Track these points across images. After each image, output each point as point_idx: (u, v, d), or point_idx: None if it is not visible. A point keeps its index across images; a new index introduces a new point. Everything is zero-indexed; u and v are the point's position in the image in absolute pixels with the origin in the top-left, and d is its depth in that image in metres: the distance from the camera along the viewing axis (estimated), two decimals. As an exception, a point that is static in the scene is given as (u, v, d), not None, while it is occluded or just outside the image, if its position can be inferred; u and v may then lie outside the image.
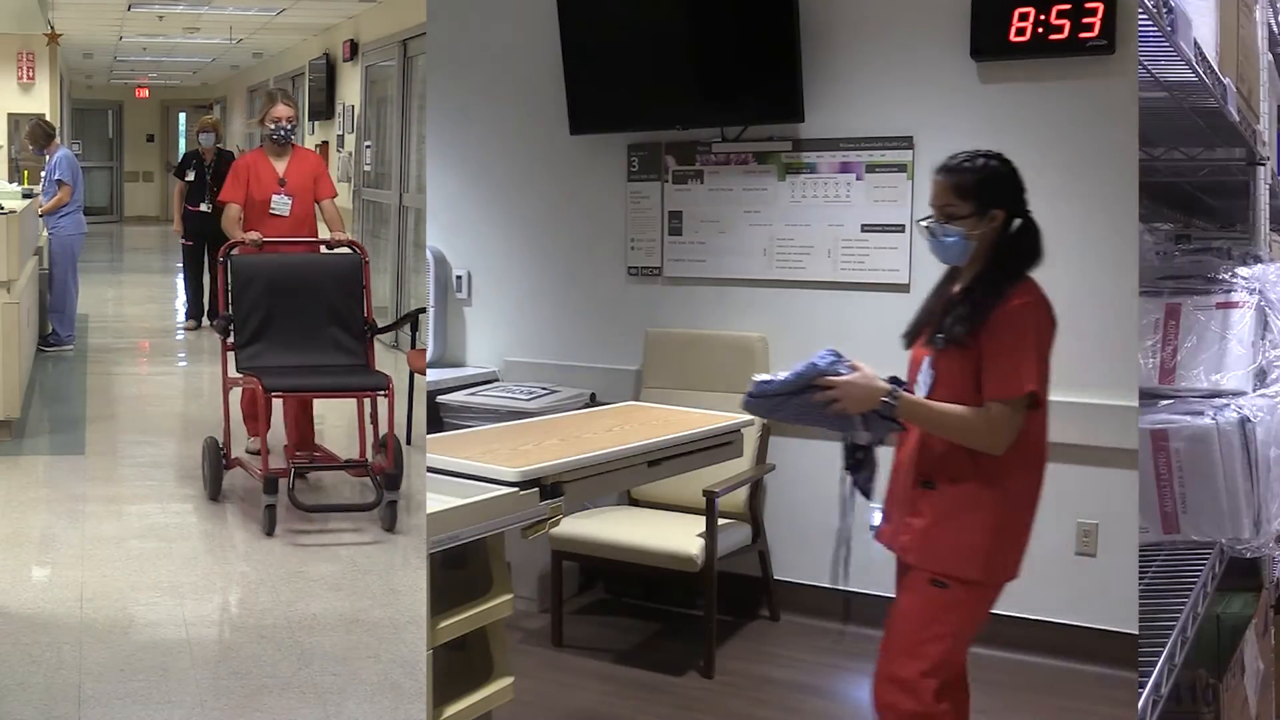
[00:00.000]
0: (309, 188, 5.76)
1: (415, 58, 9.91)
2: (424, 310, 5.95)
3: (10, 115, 13.93)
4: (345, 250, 5.46)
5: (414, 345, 6.59)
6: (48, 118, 11.26)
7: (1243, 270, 2.98)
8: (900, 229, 4.85)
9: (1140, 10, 2.01)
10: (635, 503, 5.07)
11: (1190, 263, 3.14)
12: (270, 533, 4.75)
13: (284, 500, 4.82)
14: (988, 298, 2.78)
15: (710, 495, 4.41)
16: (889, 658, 2.87)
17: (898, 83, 4.80)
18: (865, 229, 4.90)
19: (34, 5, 11.63)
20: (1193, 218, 4.38)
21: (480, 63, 5.69)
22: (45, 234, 9.03)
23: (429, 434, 3.20)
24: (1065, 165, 4.38)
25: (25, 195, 8.60)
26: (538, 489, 2.77)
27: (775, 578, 4.99)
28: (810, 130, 4.95)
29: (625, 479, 3.15)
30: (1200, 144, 3.28)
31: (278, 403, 5.33)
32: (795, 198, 5.02)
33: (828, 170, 4.94)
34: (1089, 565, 4.56)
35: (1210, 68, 2.50)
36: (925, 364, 2.87)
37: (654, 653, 4.71)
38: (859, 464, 3.03)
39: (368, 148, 10.99)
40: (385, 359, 6.41)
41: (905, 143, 4.79)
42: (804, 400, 2.88)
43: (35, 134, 9.41)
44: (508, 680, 3.12)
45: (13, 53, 13.99)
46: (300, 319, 5.18)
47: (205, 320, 10.41)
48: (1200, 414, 2.70)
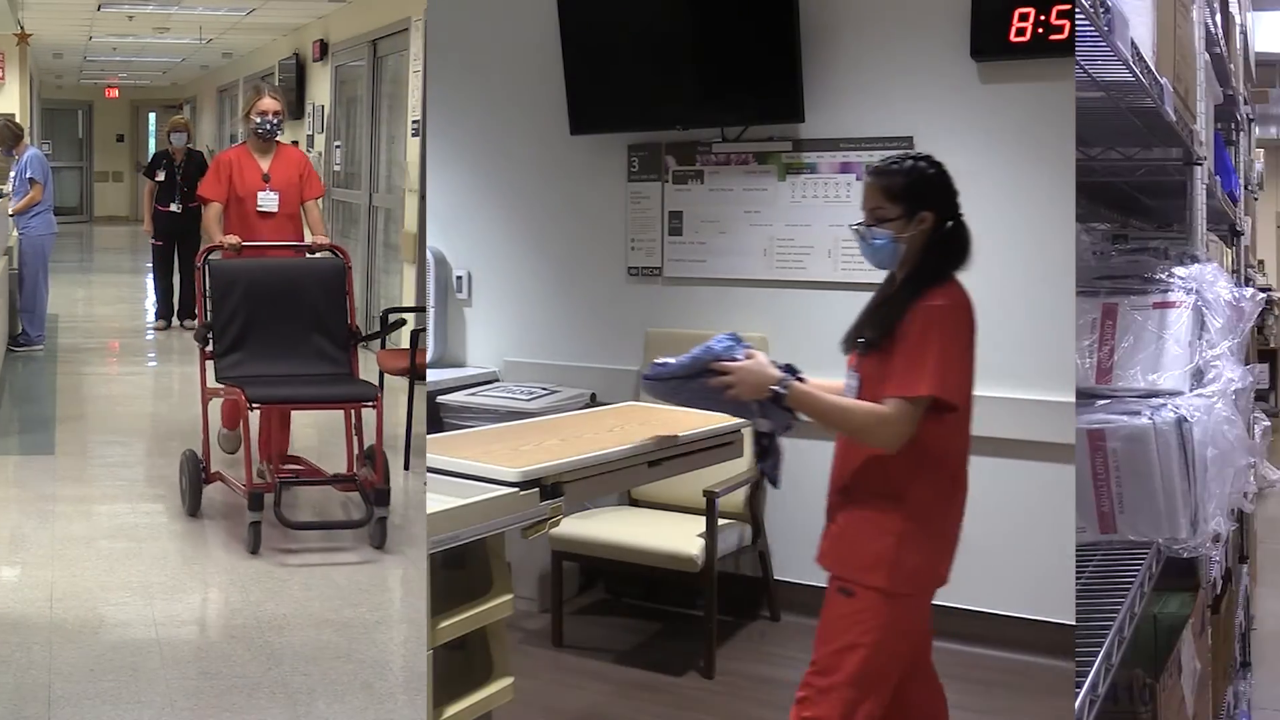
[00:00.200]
0: (295, 185, 5.58)
1: (385, 58, 9.88)
2: (404, 321, 5.77)
3: (-21, 115, 13.82)
4: (327, 255, 5.31)
5: (383, 346, 6.58)
6: (17, 118, 11.19)
7: (1180, 270, 2.94)
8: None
9: (1077, 10, 2.00)
10: (635, 503, 5.00)
11: (1127, 263, 3.10)
12: (255, 551, 4.58)
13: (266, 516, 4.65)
14: (905, 299, 2.72)
15: (710, 495, 4.35)
16: (811, 669, 2.79)
17: (898, 83, 4.73)
18: None
19: (3, 5, 11.55)
20: (1129, 218, 4.34)
21: (480, 63, 5.63)
22: (15, 234, 8.99)
23: (429, 434, 3.15)
24: (1064, 166, 4.34)
25: (-5, 196, 8.56)
26: (538, 489, 2.74)
27: (775, 578, 4.92)
28: (810, 130, 4.89)
29: (625, 479, 3.11)
30: (1137, 144, 3.25)
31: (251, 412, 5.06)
32: (795, 198, 4.96)
33: (828, 170, 4.88)
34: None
35: (1147, 67, 2.48)
36: (850, 368, 2.84)
37: (654, 653, 4.65)
38: (765, 452, 2.97)
39: (337, 148, 10.98)
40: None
41: (905, 143, 4.69)
42: (701, 384, 2.85)
43: (4, 134, 9.36)
44: (508, 680, 3.09)
45: (-18, 53, 13.91)
46: (282, 326, 4.99)
47: (175, 320, 10.41)
48: (1137, 414, 2.66)
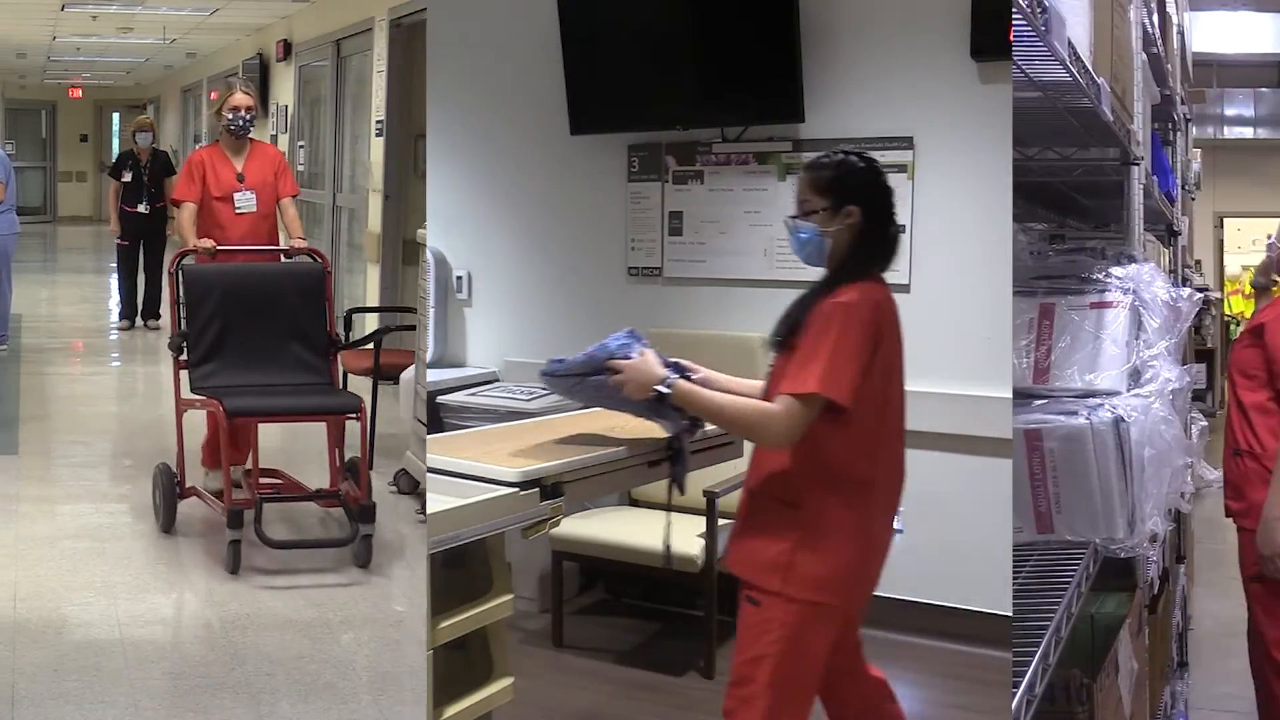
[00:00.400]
0: (270, 184, 5.36)
1: (349, 58, 9.81)
2: (389, 329, 5.63)
3: (-58, 117, 13.67)
4: (305, 259, 5.11)
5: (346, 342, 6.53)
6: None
7: (1117, 270, 2.91)
8: (900, 229, 4.74)
9: (1014, 10, 1.97)
10: (635, 503, 4.98)
11: (1064, 262, 3.06)
12: (235, 571, 4.36)
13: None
14: (814, 296, 2.64)
15: (710, 495, 4.31)
16: (730, 679, 2.71)
17: (898, 83, 4.73)
18: None
19: (-35, 7, 11.42)
20: (1067, 218, 4.33)
21: (480, 63, 5.59)
22: (-22, 234, 8.89)
23: (429, 434, 3.08)
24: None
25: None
26: (538, 489, 2.70)
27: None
28: (810, 130, 4.87)
29: (625, 479, 3.06)
30: (1074, 144, 3.22)
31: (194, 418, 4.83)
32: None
33: None
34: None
35: (1084, 68, 2.44)
36: (769, 368, 2.75)
37: (654, 653, 4.63)
38: (674, 455, 2.92)
39: (301, 148, 10.92)
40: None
41: (905, 143, 4.72)
42: (599, 382, 2.82)
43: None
44: (508, 680, 3.07)
45: (-56, 54, 13.73)
46: (259, 334, 4.76)
47: (139, 320, 10.32)
48: (1074, 414, 2.62)
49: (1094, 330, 2.82)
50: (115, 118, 23.15)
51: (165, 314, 10.42)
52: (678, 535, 4.41)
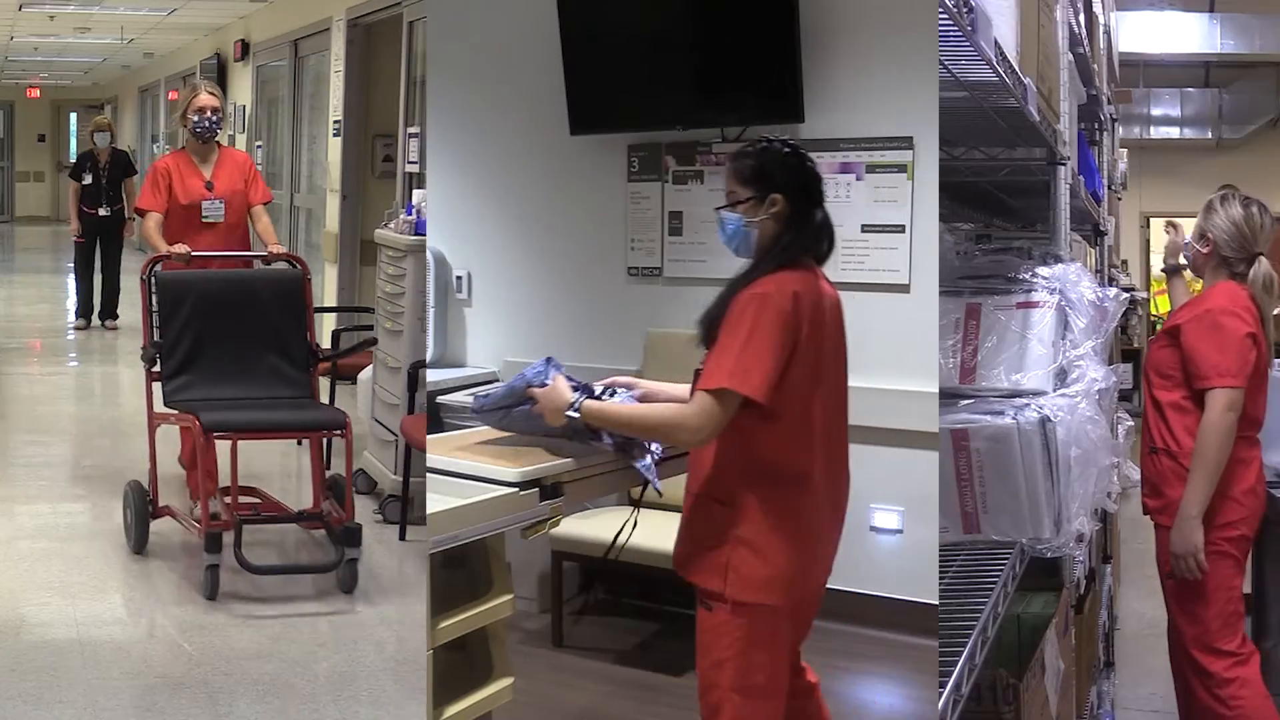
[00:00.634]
0: (240, 191, 5.09)
1: (306, 58, 9.74)
2: (375, 340, 5.35)
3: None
4: (283, 265, 4.84)
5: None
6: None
7: (1043, 270, 2.83)
8: (900, 229, 4.65)
9: (940, 9, 1.90)
10: (635, 503, 4.85)
11: (990, 262, 2.98)
12: (213, 597, 4.08)
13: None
14: (734, 288, 2.53)
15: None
16: (698, 685, 2.62)
17: (898, 83, 4.62)
18: (865, 229, 4.70)
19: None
20: (993, 218, 4.28)
21: (480, 63, 5.48)
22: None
23: (429, 434, 3.00)
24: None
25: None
26: (538, 489, 2.64)
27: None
28: (810, 130, 4.75)
29: (625, 479, 2.98)
30: (1001, 144, 3.15)
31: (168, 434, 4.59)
32: None
33: (828, 170, 4.71)
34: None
35: (1011, 68, 2.38)
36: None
37: (654, 653, 4.51)
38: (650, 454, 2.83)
39: (259, 148, 10.82)
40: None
41: (905, 143, 4.63)
42: (524, 411, 2.78)
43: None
44: (508, 680, 3.01)
45: (-99, 54, 13.48)
46: (236, 345, 4.48)
47: (97, 320, 10.21)
48: (1001, 414, 2.55)
49: (1020, 330, 2.75)
50: (73, 118, 22.81)
51: (124, 314, 10.29)
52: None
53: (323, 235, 8.72)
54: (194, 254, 4.78)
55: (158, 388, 4.48)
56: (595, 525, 4.46)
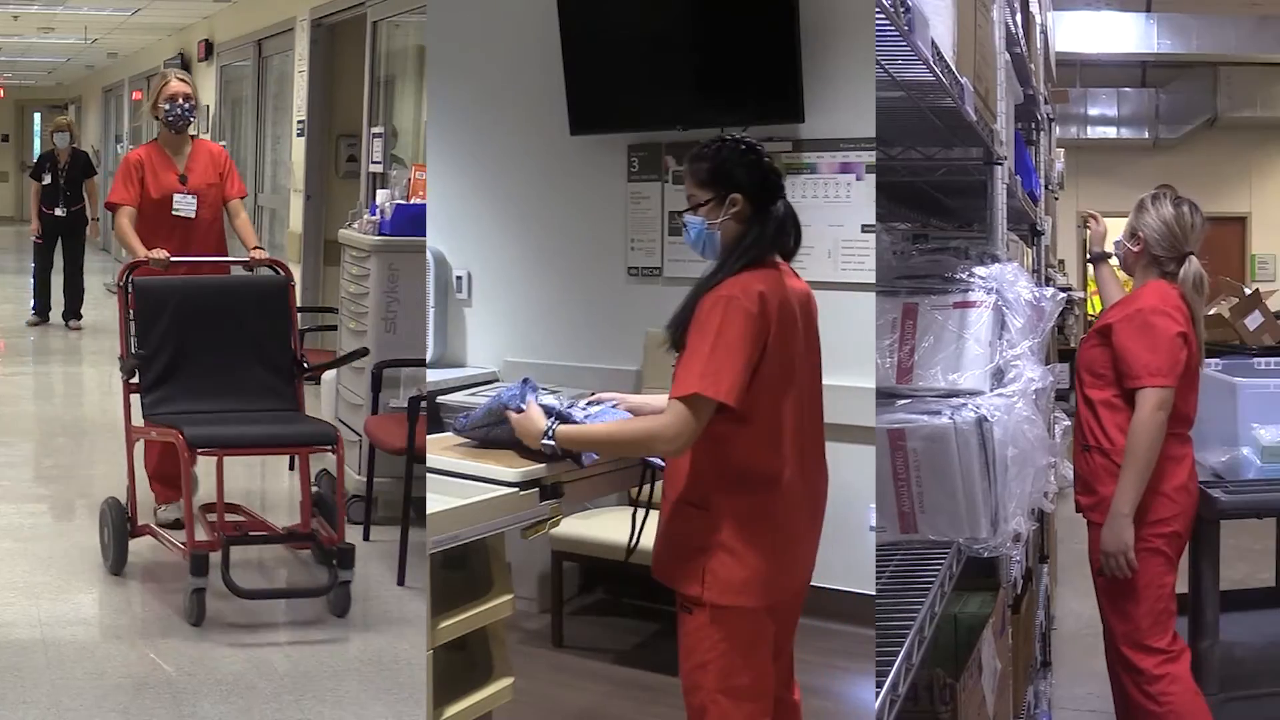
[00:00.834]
0: (215, 185, 4.82)
1: (270, 58, 9.70)
2: (366, 350, 5.04)
3: None
4: (265, 270, 4.58)
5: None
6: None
7: (980, 270, 2.77)
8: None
9: (877, 9, 1.87)
10: (635, 503, 4.79)
11: (927, 262, 2.92)
12: (198, 623, 3.83)
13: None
14: (699, 291, 2.48)
15: None
16: (683, 688, 2.58)
17: None
18: (865, 229, 4.56)
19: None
20: (930, 217, 4.22)
21: (480, 63, 5.37)
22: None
23: (429, 434, 3.01)
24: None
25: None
26: (538, 489, 2.59)
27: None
28: (810, 130, 4.64)
29: (625, 479, 2.94)
30: (938, 143, 3.08)
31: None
32: (795, 198, 4.57)
33: (828, 170, 4.63)
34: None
35: (948, 67, 2.33)
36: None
37: (654, 653, 4.37)
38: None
39: (223, 147, 10.76)
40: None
41: None
42: (507, 429, 2.73)
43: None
44: (508, 680, 2.97)
45: None
46: (218, 355, 4.21)
47: (68, 320, 10.14)
48: (937, 414, 2.50)
49: (957, 330, 2.70)
50: (37, 117, 22.53)
51: (89, 314, 10.25)
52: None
53: (286, 235, 8.66)
54: (172, 259, 4.50)
55: (135, 400, 4.25)
56: (595, 525, 4.40)
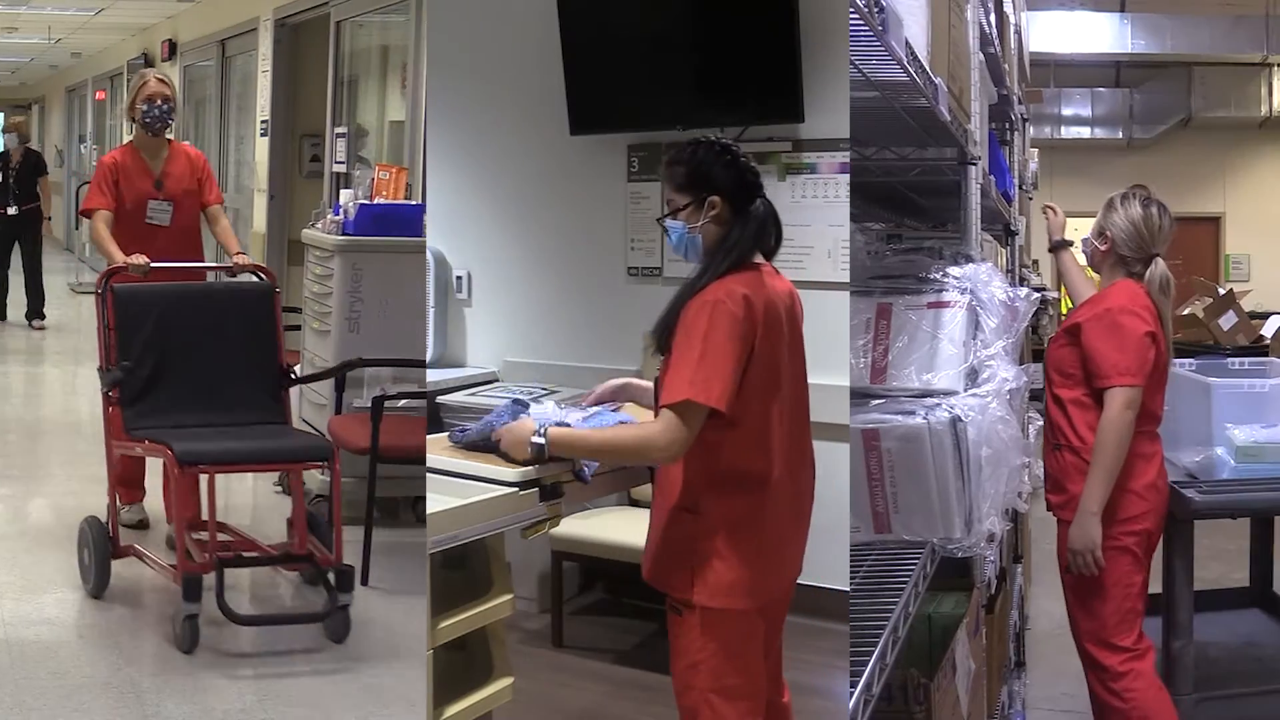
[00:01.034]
0: (192, 192, 4.64)
1: (233, 58, 9.72)
2: (362, 361, 4.94)
3: None
4: (249, 277, 4.43)
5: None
6: None
7: (954, 270, 2.80)
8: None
9: (851, 9, 1.88)
10: (635, 503, 4.67)
11: (901, 262, 2.94)
12: (190, 651, 3.64)
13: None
14: (684, 295, 2.46)
15: None
16: (674, 688, 2.59)
17: None
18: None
19: None
20: (904, 217, 4.27)
21: (480, 63, 5.36)
22: None
23: (429, 434, 2.95)
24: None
25: None
26: (537, 489, 2.59)
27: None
28: (810, 130, 4.65)
29: (625, 479, 2.92)
30: (912, 143, 3.11)
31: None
32: (795, 198, 4.66)
33: (828, 170, 4.64)
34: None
35: (922, 67, 2.35)
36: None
37: (654, 653, 4.23)
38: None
39: (186, 148, 10.73)
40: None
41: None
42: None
43: None
44: (508, 680, 2.97)
45: None
46: (202, 366, 4.05)
47: (25, 320, 10.09)
48: (911, 414, 2.52)
49: (931, 330, 2.72)
50: (0, 117, 22.34)
51: (49, 313, 10.29)
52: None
53: (250, 235, 8.64)
54: (152, 265, 4.30)
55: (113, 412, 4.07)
56: (595, 525, 4.41)
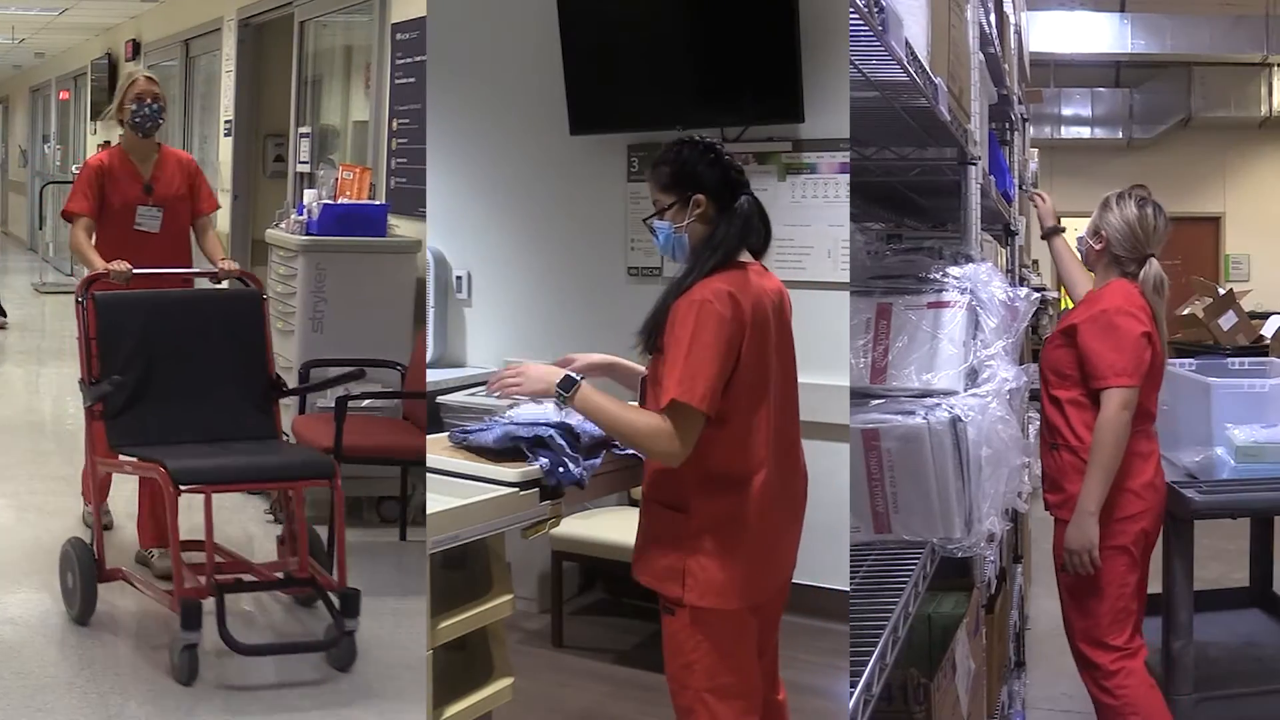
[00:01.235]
0: (183, 197, 4.48)
1: (197, 58, 9.77)
2: (363, 372, 4.76)
3: None
4: (235, 284, 4.32)
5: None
6: None
7: (954, 270, 2.85)
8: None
9: (851, 9, 1.92)
10: (635, 503, 4.80)
11: (901, 262, 2.99)
12: (188, 682, 3.48)
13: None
14: (672, 294, 2.50)
15: None
16: (670, 687, 2.62)
17: None
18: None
19: None
20: (904, 217, 4.33)
21: (480, 63, 5.44)
22: None
23: (429, 434, 2.93)
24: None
25: None
26: (538, 489, 2.64)
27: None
28: (810, 130, 4.74)
29: (625, 479, 2.97)
30: (912, 143, 3.18)
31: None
32: (795, 198, 4.79)
33: (828, 170, 4.73)
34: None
35: (922, 67, 2.40)
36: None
37: (654, 653, 4.31)
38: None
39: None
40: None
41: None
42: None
43: None
44: (508, 680, 3.03)
45: None
46: (190, 376, 3.93)
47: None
48: (911, 413, 2.56)
49: (931, 330, 2.76)
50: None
51: (10, 311, 10.40)
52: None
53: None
54: (135, 271, 4.17)
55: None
56: (595, 525, 4.47)
